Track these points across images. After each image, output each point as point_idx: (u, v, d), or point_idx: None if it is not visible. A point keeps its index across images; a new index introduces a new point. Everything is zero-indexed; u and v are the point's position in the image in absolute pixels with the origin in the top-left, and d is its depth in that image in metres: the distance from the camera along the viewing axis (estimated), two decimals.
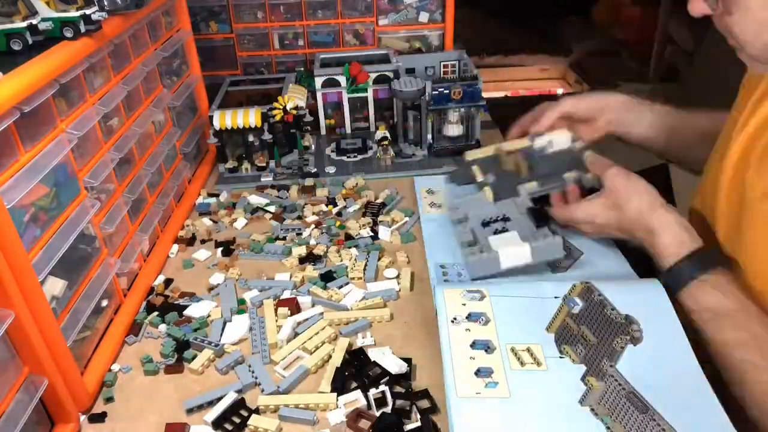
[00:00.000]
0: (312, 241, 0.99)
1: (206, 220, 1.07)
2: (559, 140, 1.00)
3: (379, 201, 1.10)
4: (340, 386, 0.70)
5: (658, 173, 1.93)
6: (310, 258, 0.95)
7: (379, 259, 0.93)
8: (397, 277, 0.90)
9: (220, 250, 0.98)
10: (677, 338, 0.69)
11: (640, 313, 0.72)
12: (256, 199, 1.13)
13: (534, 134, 1.00)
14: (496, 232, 0.88)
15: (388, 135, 1.23)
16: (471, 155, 1.04)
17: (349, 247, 0.96)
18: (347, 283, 0.89)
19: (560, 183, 0.92)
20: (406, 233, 1.00)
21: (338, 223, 1.03)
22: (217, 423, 0.67)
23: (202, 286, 0.91)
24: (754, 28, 0.64)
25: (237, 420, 0.68)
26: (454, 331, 0.72)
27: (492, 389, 0.65)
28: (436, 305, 0.78)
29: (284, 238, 1.01)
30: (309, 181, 1.16)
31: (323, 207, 1.09)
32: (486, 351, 0.68)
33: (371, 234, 1.00)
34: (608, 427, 0.60)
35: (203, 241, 1.02)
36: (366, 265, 0.92)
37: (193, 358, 0.76)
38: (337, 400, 0.69)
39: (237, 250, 0.98)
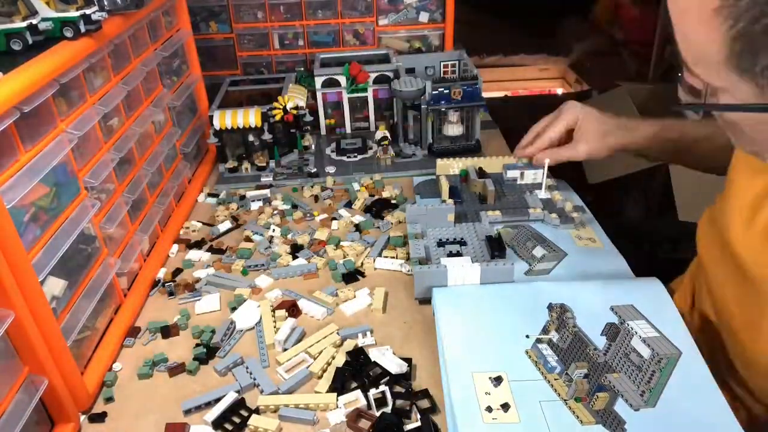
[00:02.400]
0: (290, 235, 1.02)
1: (201, 221, 1.07)
2: (530, 175, 1.05)
3: (393, 201, 1.09)
4: (340, 386, 0.70)
5: (657, 173, 1.93)
6: (295, 249, 0.97)
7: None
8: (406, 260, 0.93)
9: (208, 249, 0.99)
10: (682, 336, 0.69)
11: (644, 312, 0.72)
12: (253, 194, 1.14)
13: (520, 156, 1.05)
14: (450, 255, 0.88)
15: (388, 135, 1.23)
16: (442, 169, 1.03)
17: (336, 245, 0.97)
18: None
19: (523, 218, 0.96)
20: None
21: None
22: (217, 423, 0.67)
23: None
24: None
25: (237, 420, 0.67)
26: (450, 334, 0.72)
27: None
28: (434, 306, 0.78)
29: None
30: (329, 181, 1.16)
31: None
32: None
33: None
34: None
35: (202, 241, 1.02)
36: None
37: (197, 369, 0.76)
38: (337, 400, 0.69)
39: (227, 253, 0.98)
